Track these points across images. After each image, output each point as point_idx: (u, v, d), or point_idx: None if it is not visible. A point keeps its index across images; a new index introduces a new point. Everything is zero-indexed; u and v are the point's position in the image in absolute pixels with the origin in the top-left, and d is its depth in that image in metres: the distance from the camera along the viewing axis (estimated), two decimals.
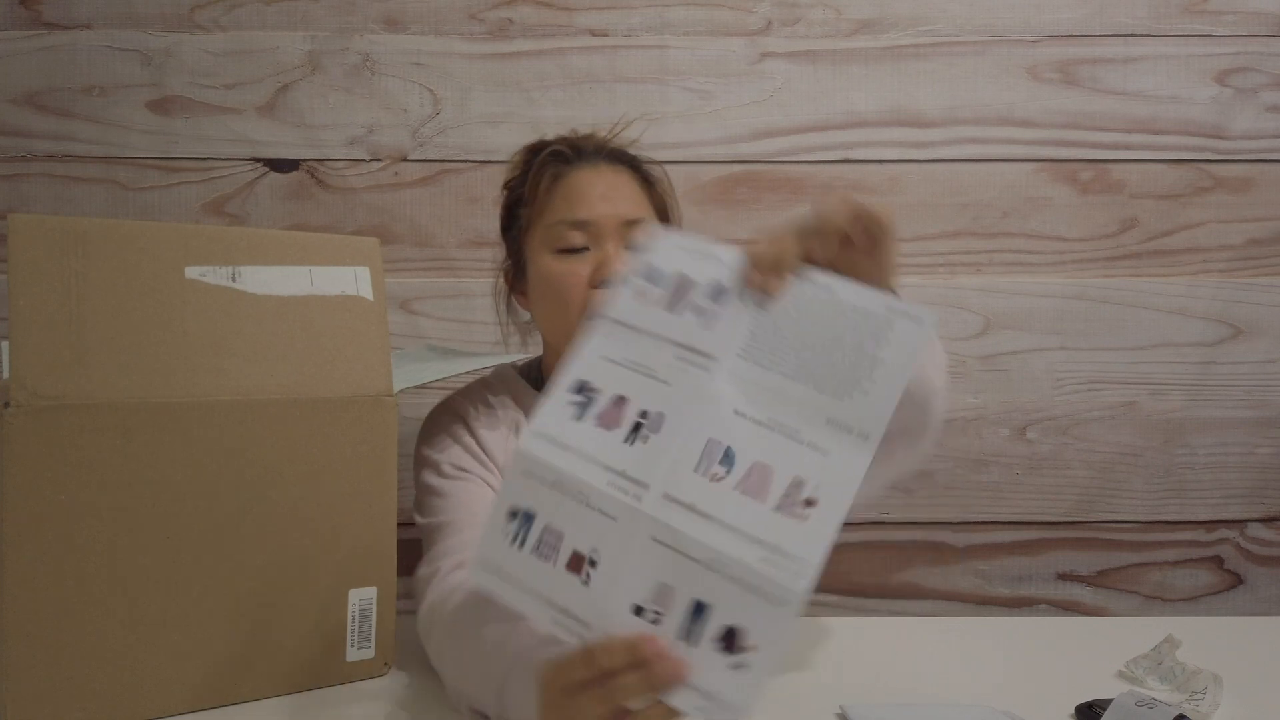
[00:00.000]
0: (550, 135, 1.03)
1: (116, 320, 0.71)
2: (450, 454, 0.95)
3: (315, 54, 1.32)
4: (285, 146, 1.32)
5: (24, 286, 0.68)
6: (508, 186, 1.02)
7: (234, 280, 0.76)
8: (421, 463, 0.97)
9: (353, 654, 0.80)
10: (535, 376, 1.05)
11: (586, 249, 0.92)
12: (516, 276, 1.02)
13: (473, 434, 0.96)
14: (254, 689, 0.76)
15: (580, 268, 0.92)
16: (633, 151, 1.01)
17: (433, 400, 1.28)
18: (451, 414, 0.99)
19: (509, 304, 1.07)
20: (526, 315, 1.07)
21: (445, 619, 0.77)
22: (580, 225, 0.92)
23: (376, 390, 0.80)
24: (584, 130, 1.03)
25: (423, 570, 0.87)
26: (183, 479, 0.72)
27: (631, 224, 0.93)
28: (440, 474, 0.94)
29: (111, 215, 1.30)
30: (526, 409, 0.99)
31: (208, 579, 0.73)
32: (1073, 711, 0.75)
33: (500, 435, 0.97)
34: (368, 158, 1.33)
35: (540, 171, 0.96)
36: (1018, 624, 1.09)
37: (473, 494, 0.92)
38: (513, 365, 1.06)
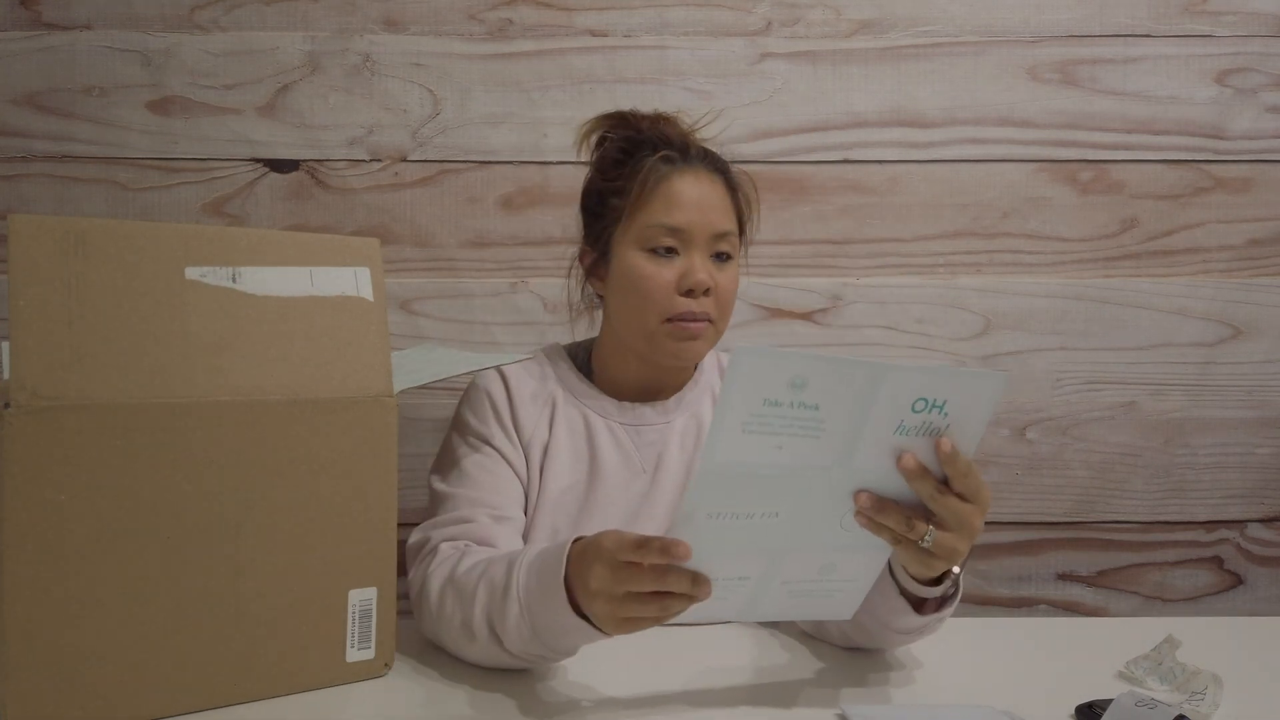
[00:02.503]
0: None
1: (116, 320, 0.71)
2: (483, 423, 1.00)
3: (315, 54, 1.32)
4: (285, 147, 1.32)
5: (24, 287, 0.68)
6: (599, 169, 1.03)
7: (234, 281, 0.76)
8: (455, 422, 1.03)
9: (353, 654, 0.80)
10: (583, 359, 1.08)
11: (675, 252, 0.96)
12: (597, 261, 1.03)
13: (511, 405, 1.01)
14: (254, 689, 0.76)
15: (667, 271, 0.96)
16: (724, 156, 1.04)
17: (432, 400, 1.28)
18: (499, 381, 1.02)
19: (582, 287, 1.09)
20: (583, 292, 1.09)
21: (447, 574, 0.83)
22: (675, 230, 0.96)
23: (376, 391, 0.80)
24: (667, 111, 1.04)
25: (415, 537, 0.92)
26: (183, 479, 0.72)
27: (720, 235, 0.98)
28: (466, 442, 0.99)
29: (111, 215, 1.30)
30: (567, 387, 1.03)
31: (207, 579, 0.73)
32: (1073, 712, 0.75)
33: (536, 411, 1.01)
34: (368, 158, 1.33)
35: (646, 170, 0.97)
36: (1018, 624, 1.09)
37: (489, 474, 0.97)
38: (560, 345, 1.09)
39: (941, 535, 0.71)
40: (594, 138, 1.04)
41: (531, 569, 0.76)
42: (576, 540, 0.74)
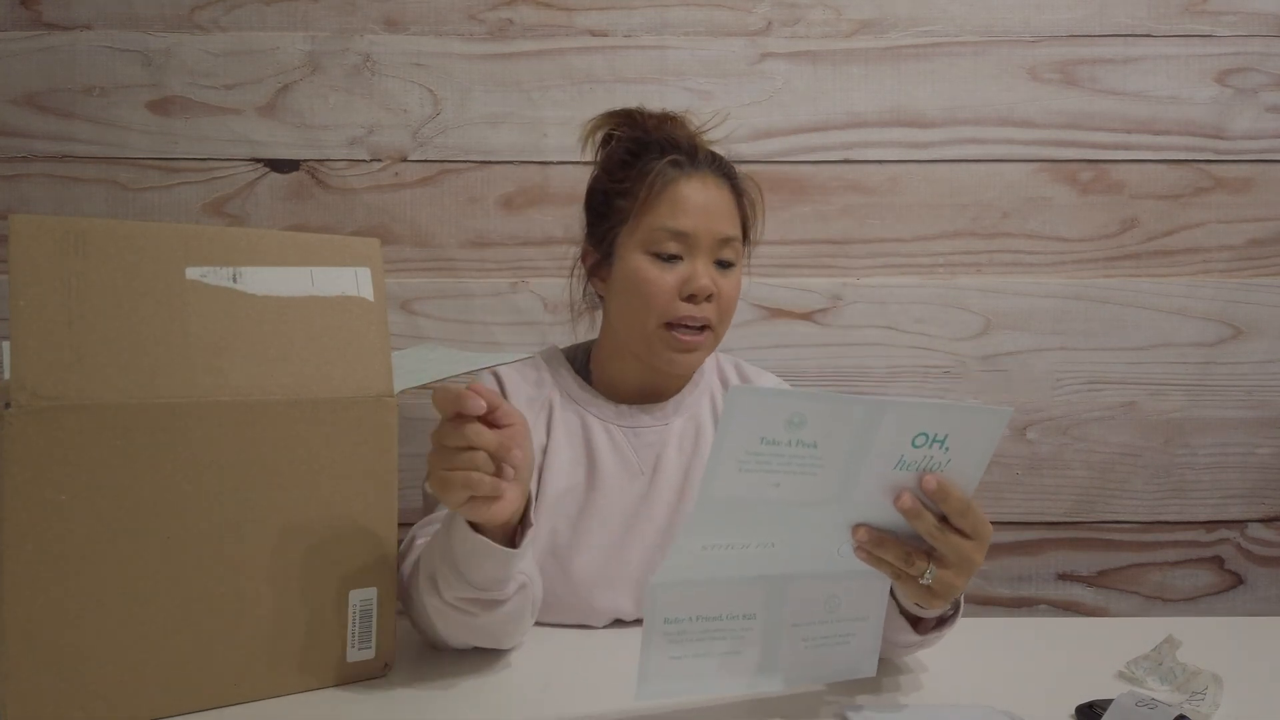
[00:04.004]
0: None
1: (116, 321, 0.71)
2: None
3: (315, 54, 1.32)
4: (285, 147, 1.32)
5: (24, 287, 0.68)
6: (606, 170, 1.03)
7: (234, 281, 0.76)
8: None
9: (353, 654, 0.80)
10: (581, 361, 1.08)
11: (679, 258, 0.96)
12: (600, 262, 1.03)
13: None
14: (254, 689, 0.76)
15: (670, 276, 0.96)
16: (731, 161, 1.03)
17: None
18: (494, 384, 1.02)
19: (585, 286, 1.08)
20: (584, 292, 1.09)
21: (417, 557, 0.84)
22: (680, 235, 0.96)
23: (377, 391, 0.80)
24: (673, 110, 1.03)
25: (406, 538, 0.92)
26: (183, 479, 0.72)
27: (724, 241, 0.97)
28: None
29: (112, 215, 1.30)
30: (565, 390, 1.03)
31: (207, 579, 0.73)
32: (1073, 712, 0.75)
33: (533, 414, 1.01)
34: (368, 158, 1.33)
35: (654, 173, 0.97)
36: (1018, 624, 1.09)
37: None
38: (558, 348, 1.09)
39: (941, 572, 0.70)
40: (599, 135, 1.04)
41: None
42: None
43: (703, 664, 0.71)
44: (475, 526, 0.73)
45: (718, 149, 1.03)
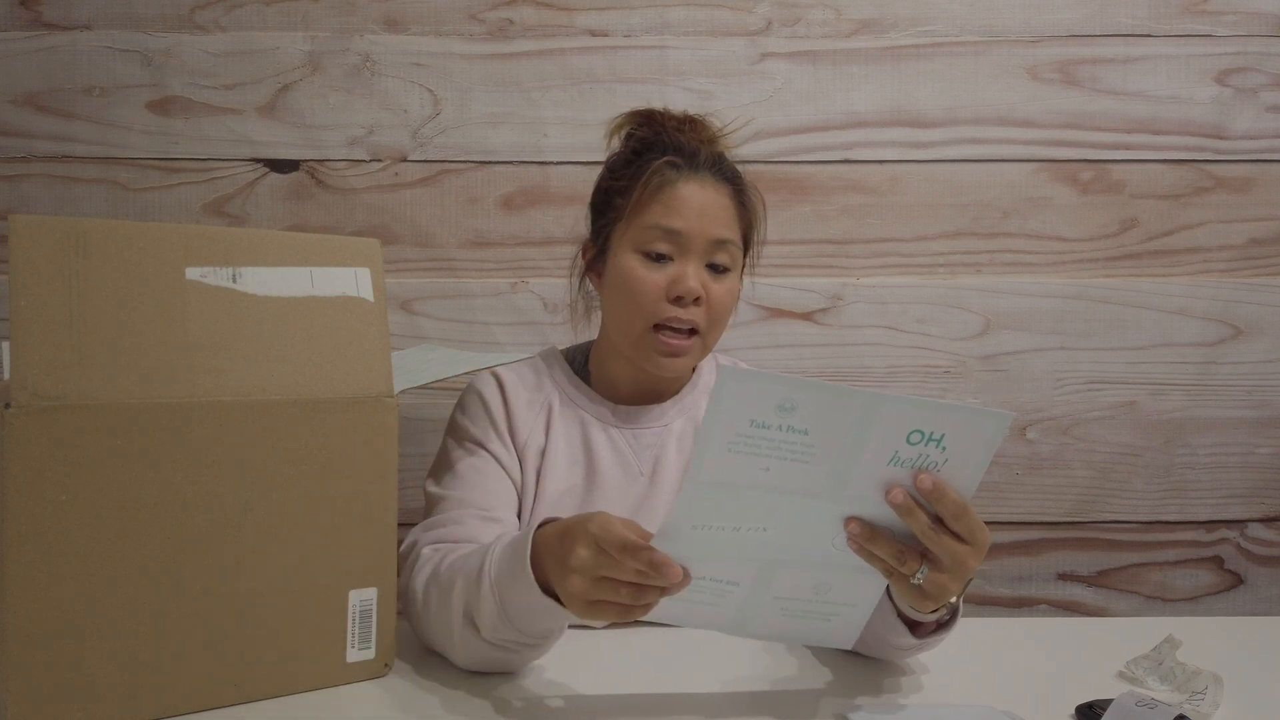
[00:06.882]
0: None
1: (117, 321, 0.71)
2: (478, 427, 1.00)
3: (315, 54, 1.32)
4: (285, 147, 1.32)
5: (25, 287, 0.68)
6: (609, 167, 1.03)
7: (234, 281, 0.76)
8: (450, 427, 1.03)
9: (353, 654, 0.80)
10: (580, 362, 1.08)
11: (670, 259, 0.96)
12: (597, 258, 1.03)
13: (507, 408, 1.01)
14: (254, 689, 0.76)
15: (659, 276, 0.95)
16: (737, 167, 1.02)
17: (432, 400, 1.28)
18: (494, 385, 1.02)
19: (582, 280, 1.08)
20: (581, 285, 1.09)
21: (430, 573, 0.83)
22: (671, 234, 0.95)
23: (377, 391, 0.80)
24: (695, 112, 1.02)
25: (406, 540, 0.91)
26: (183, 479, 0.72)
27: (718, 244, 0.97)
28: (461, 446, 0.99)
29: (112, 216, 1.30)
30: (563, 391, 1.03)
31: (208, 579, 0.73)
32: (1073, 712, 0.75)
33: (532, 416, 1.01)
34: (368, 158, 1.33)
35: (650, 172, 0.97)
36: (1018, 624, 1.09)
37: (481, 475, 0.96)
38: (557, 349, 1.09)
39: (934, 574, 0.69)
40: (623, 133, 1.04)
41: (503, 551, 0.76)
42: (549, 521, 0.75)
43: (675, 605, 0.71)
44: (545, 588, 0.72)
45: (733, 154, 1.02)
